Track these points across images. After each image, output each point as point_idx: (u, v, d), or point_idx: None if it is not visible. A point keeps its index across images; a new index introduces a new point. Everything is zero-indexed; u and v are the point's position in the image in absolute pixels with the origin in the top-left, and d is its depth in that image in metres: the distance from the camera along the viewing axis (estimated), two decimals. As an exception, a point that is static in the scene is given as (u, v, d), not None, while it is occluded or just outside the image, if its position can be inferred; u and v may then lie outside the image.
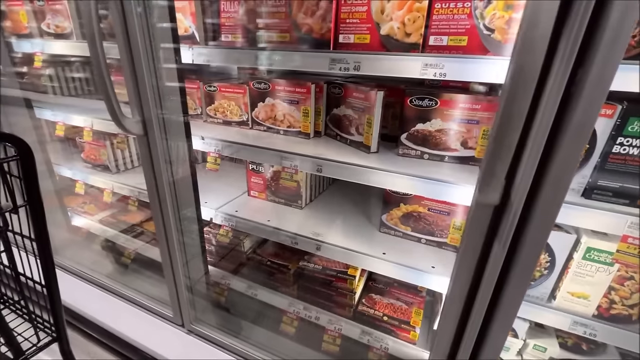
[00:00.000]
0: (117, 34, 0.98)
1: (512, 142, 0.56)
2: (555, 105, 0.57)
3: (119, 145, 1.78)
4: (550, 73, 0.55)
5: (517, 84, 0.51)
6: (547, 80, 0.56)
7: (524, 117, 0.54)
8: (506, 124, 0.54)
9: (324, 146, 1.30)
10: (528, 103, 0.52)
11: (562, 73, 0.55)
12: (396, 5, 0.90)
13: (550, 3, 0.47)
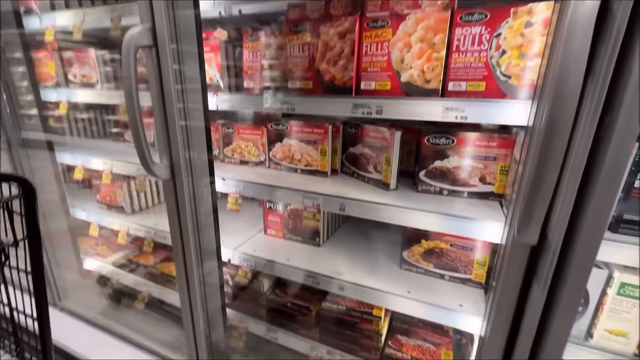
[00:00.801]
0: (151, 82, 1.03)
1: (551, 185, 0.58)
2: (587, 149, 0.60)
3: (138, 187, 1.80)
4: (579, 121, 0.58)
5: (552, 131, 0.54)
6: (576, 127, 0.59)
7: (560, 162, 0.57)
8: (543, 168, 0.57)
9: (343, 184, 1.32)
10: (564, 149, 0.55)
11: (591, 121, 0.58)
12: (415, 55, 0.97)
13: (579, 58, 0.51)
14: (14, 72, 1.72)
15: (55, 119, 1.95)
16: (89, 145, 2.06)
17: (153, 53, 1.00)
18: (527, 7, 0.83)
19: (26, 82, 1.76)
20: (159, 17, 0.96)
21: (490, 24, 0.87)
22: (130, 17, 1.33)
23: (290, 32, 1.13)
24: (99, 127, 2.12)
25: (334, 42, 1.07)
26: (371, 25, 1.01)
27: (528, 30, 0.84)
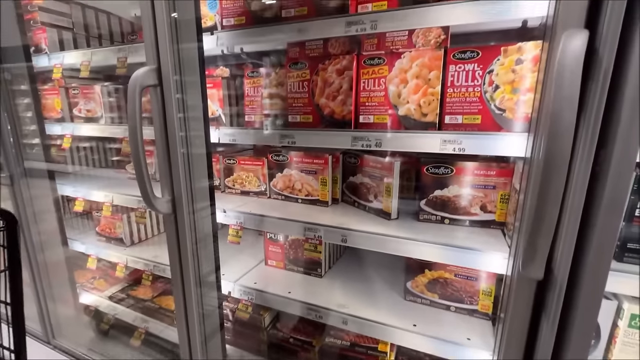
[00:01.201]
0: (155, 118, 1.06)
1: (552, 220, 0.58)
2: (585, 183, 0.61)
3: (139, 220, 1.79)
4: (575, 157, 0.60)
5: (550, 168, 0.55)
6: (573, 163, 0.60)
7: (560, 198, 0.57)
8: (544, 204, 0.57)
9: (344, 214, 1.32)
10: (563, 185, 0.56)
11: (587, 156, 0.59)
12: (411, 90, 1.00)
13: (571, 98, 0.53)
14: (19, 104, 1.75)
15: (58, 147, 1.97)
16: (91, 175, 2.08)
17: (158, 91, 1.03)
18: (516, 46, 0.87)
19: (30, 113, 1.79)
20: (165, 58, 1.00)
21: (482, 61, 0.91)
22: (136, 55, 1.39)
23: (290, 69, 1.18)
24: (100, 156, 2.14)
25: (333, 78, 1.11)
26: (368, 63, 1.06)
27: (519, 67, 0.87)
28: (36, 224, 1.80)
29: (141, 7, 0.98)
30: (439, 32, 0.99)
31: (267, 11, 1.18)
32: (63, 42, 1.76)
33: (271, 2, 1.15)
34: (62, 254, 1.98)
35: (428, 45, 1.02)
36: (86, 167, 2.17)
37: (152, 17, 0.98)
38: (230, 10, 1.23)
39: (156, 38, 0.99)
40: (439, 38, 1.00)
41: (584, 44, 0.54)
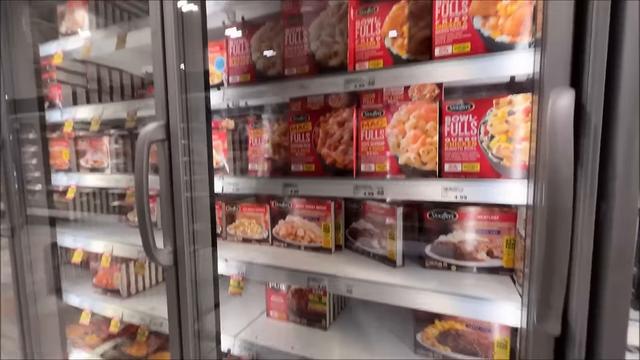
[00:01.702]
0: (161, 170, 1.08)
1: (563, 275, 0.57)
2: (591, 235, 0.61)
3: (138, 270, 1.75)
4: (577, 209, 0.60)
5: (554, 223, 0.56)
6: (576, 215, 0.61)
7: (567, 252, 0.57)
8: (553, 259, 0.57)
9: (348, 261, 1.30)
10: (569, 240, 0.56)
11: (589, 208, 0.60)
12: (410, 140, 1.04)
13: (565, 153, 0.55)
14: (27, 151, 1.78)
15: (61, 195, 1.98)
16: (91, 222, 2.07)
17: (165, 146, 1.07)
18: (507, 98, 0.92)
19: (36, 160, 1.81)
20: (174, 114, 1.05)
21: (476, 112, 0.96)
22: (145, 109, 1.46)
23: (293, 121, 1.23)
24: (102, 202, 2.15)
25: (334, 130, 1.16)
26: (367, 115, 1.11)
27: (512, 117, 0.92)
28: (31, 274, 1.75)
29: (153, 63, 1.05)
30: (433, 87, 1.06)
31: (271, 69, 1.26)
32: (76, 96, 1.86)
33: (275, 61, 1.24)
34: (54, 306, 1.90)
35: (423, 99, 1.08)
36: (87, 212, 2.17)
37: (164, 72, 1.04)
38: (237, 69, 1.32)
39: (166, 95, 1.05)
40: (433, 92, 1.06)
41: (572, 103, 0.57)
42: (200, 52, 1.07)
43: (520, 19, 0.89)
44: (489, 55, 0.87)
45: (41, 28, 1.89)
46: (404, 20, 1.07)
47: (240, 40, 1.32)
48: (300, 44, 1.18)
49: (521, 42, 0.90)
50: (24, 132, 1.78)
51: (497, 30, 0.91)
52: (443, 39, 0.97)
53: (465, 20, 0.95)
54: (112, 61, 1.97)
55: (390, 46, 1.09)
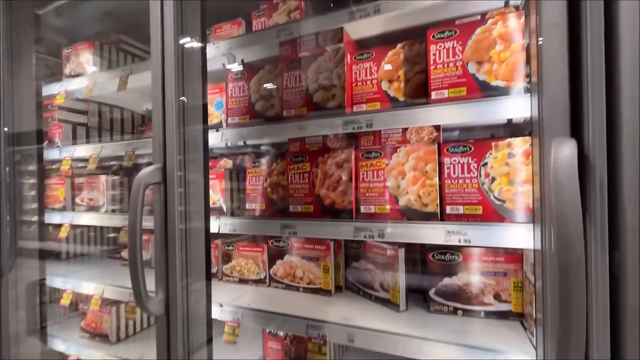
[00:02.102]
0: (156, 211, 1.05)
1: (581, 335, 0.53)
2: (607, 289, 0.58)
3: (128, 315, 1.67)
4: (589, 263, 0.58)
5: (567, 278, 0.53)
6: (589, 269, 0.58)
7: (584, 308, 0.53)
8: (568, 317, 0.53)
9: (349, 305, 1.24)
10: (584, 294, 0.53)
11: (602, 260, 0.57)
12: (410, 181, 1.03)
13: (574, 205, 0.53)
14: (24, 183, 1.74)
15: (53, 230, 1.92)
16: (83, 260, 2.00)
17: (161, 188, 1.05)
18: (505, 141, 0.92)
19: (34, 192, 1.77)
20: (171, 156, 1.04)
21: (476, 155, 0.96)
22: (144, 148, 1.46)
23: (291, 162, 1.23)
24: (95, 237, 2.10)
25: (333, 170, 1.15)
26: (366, 156, 1.11)
27: (512, 160, 0.91)
28: (16, 311, 1.65)
29: (152, 97, 1.05)
30: (431, 130, 1.06)
31: (270, 110, 1.28)
32: (76, 133, 1.87)
33: (274, 102, 1.26)
34: (38, 349, 1.79)
35: (421, 141, 1.08)
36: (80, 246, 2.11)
37: (162, 106, 1.04)
38: (236, 110, 1.34)
39: (164, 135, 1.04)
40: (432, 135, 1.06)
41: (574, 153, 0.56)
42: (200, 85, 1.08)
43: (513, 65, 0.91)
44: (485, 100, 0.88)
45: (47, 63, 1.94)
46: (400, 65, 1.09)
47: (239, 83, 1.35)
48: (298, 87, 1.20)
49: (516, 87, 0.91)
50: (22, 164, 1.76)
51: (491, 75, 0.93)
52: (439, 83, 0.99)
53: (460, 65, 0.97)
54: (113, 99, 2.01)
55: (387, 89, 1.11)
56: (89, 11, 1.83)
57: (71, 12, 1.84)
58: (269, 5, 1.42)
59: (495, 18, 0.94)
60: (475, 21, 0.98)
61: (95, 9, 1.81)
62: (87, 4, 1.77)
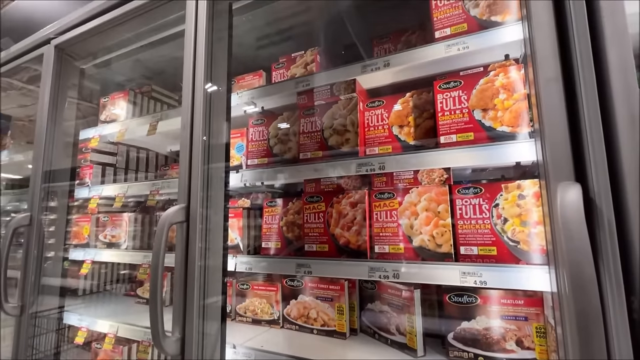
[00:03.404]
0: (177, 248, 1.09)
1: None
2: (628, 336, 0.57)
3: (141, 355, 1.65)
4: (607, 308, 0.58)
5: (585, 326, 0.53)
6: (607, 315, 0.58)
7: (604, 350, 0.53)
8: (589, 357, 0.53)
9: (364, 349, 1.20)
10: (603, 342, 0.52)
11: (619, 305, 0.57)
12: (423, 222, 1.05)
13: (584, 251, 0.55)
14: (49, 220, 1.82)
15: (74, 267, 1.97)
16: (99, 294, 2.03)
17: (184, 227, 1.10)
18: (515, 183, 0.95)
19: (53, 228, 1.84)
20: (195, 197, 1.11)
21: (487, 196, 0.98)
22: (168, 189, 1.54)
23: (307, 202, 1.28)
24: (112, 274, 2.14)
25: (347, 210, 1.19)
26: (379, 197, 1.15)
27: (522, 202, 0.93)
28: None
29: (181, 137, 1.14)
30: (441, 172, 1.10)
31: (287, 153, 1.36)
32: (105, 173, 2.00)
33: (291, 146, 1.34)
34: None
35: (432, 182, 1.12)
36: (96, 286, 2.14)
37: (190, 145, 1.12)
38: (255, 153, 1.42)
39: (190, 175, 1.12)
40: (442, 177, 1.10)
41: (579, 198, 0.59)
42: (224, 127, 1.18)
43: (517, 112, 0.96)
44: (492, 145, 0.93)
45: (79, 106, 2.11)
46: (410, 112, 1.17)
47: (259, 128, 1.45)
48: (314, 132, 1.28)
49: (521, 132, 0.96)
50: (50, 202, 1.86)
51: (497, 121, 0.99)
52: (447, 129, 1.05)
53: (466, 112, 1.03)
54: (141, 142, 2.16)
55: (398, 134, 1.18)
56: (122, 61, 2.04)
57: (106, 63, 2.06)
58: (287, 58, 1.57)
59: (497, 70, 1.02)
60: (478, 72, 1.06)
61: (127, 58, 2.02)
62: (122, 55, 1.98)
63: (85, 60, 1.89)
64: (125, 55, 1.90)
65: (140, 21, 1.51)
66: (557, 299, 0.77)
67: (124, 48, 1.84)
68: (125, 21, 1.49)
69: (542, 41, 0.73)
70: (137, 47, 1.81)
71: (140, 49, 1.85)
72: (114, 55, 1.94)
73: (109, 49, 1.83)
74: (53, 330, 1.81)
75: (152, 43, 1.78)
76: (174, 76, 2.19)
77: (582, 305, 0.53)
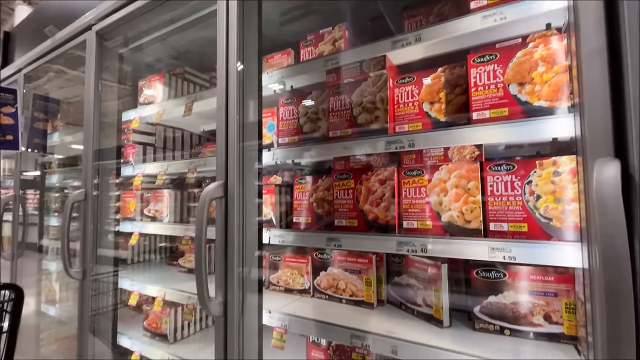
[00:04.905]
0: (218, 221, 1.19)
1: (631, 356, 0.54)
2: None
3: (186, 316, 1.83)
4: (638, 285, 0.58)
5: (616, 302, 0.54)
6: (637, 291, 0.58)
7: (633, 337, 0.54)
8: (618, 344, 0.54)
9: (391, 319, 1.27)
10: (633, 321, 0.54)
11: (653, 280, 0.58)
12: (452, 199, 1.06)
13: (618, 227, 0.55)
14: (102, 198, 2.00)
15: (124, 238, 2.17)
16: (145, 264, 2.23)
17: (223, 202, 1.19)
18: (550, 160, 0.93)
19: (111, 204, 2.03)
20: (232, 174, 1.18)
21: (519, 173, 0.97)
22: (204, 167, 1.64)
23: (337, 179, 1.32)
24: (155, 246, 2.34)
25: (376, 187, 1.22)
26: (408, 174, 1.16)
27: (557, 178, 0.91)
28: None
29: (217, 117, 1.21)
30: (472, 149, 1.09)
31: (317, 132, 1.39)
32: (146, 153, 2.14)
33: (320, 124, 1.37)
34: (110, 344, 2.01)
35: (463, 159, 1.12)
36: (142, 256, 2.36)
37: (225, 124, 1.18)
38: (285, 131, 1.47)
39: (226, 152, 1.19)
40: (474, 154, 1.09)
41: (617, 174, 0.58)
42: (256, 107, 1.23)
43: (557, 86, 0.92)
44: (528, 120, 0.90)
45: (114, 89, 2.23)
46: (441, 87, 1.15)
47: (289, 107, 1.48)
48: (343, 110, 1.30)
49: (560, 107, 0.93)
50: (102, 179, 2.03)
51: (534, 96, 0.96)
52: (480, 105, 1.03)
53: (501, 87, 1.01)
54: (176, 122, 2.27)
55: (429, 110, 1.17)
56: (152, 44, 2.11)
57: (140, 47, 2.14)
58: (315, 35, 1.56)
59: (536, 41, 0.97)
60: (516, 44, 1.02)
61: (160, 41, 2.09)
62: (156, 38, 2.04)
63: (122, 45, 1.98)
64: (159, 37, 1.97)
65: (173, 5, 1.55)
66: (588, 275, 0.78)
67: (157, 31, 1.91)
68: (160, 4, 1.54)
69: (587, 8, 0.69)
70: (169, 30, 1.87)
71: (172, 32, 1.90)
72: (149, 39, 2.01)
73: (145, 32, 1.90)
74: (109, 292, 2.03)
75: (182, 26, 1.83)
76: (199, 55, 2.23)
77: (612, 281, 0.54)
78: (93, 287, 1.96)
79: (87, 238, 1.79)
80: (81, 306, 1.83)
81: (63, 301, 2.56)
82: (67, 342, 2.61)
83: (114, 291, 2.01)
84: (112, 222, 2.03)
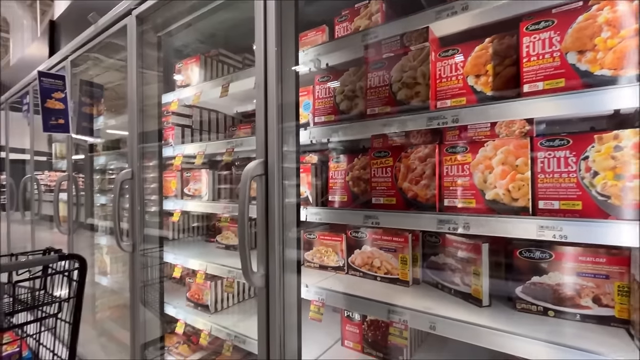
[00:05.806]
0: (259, 198, 1.23)
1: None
2: None
3: (227, 289, 1.94)
4: None
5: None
6: None
7: None
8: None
9: (428, 297, 1.27)
10: None
11: None
12: (498, 176, 1.03)
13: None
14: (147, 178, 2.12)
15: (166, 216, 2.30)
16: (186, 241, 2.37)
17: (263, 179, 1.22)
18: (612, 133, 0.86)
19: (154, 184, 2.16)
20: (272, 152, 1.21)
21: (575, 148, 0.92)
22: (240, 147, 1.68)
23: (374, 157, 1.31)
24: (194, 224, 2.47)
25: (416, 165, 1.20)
26: (450, 151, 1.13)
27: (619, 153, 0.85)
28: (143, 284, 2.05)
29: (257, 99, 1.22)
30: (522, 124, 1.04)
31: (354, 110, 1.37)
32: (184, 134, 2.23)
33: (357, 102, 1.35)
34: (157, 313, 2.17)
35: (512, 135, 1.07)
36: (182, 234, 2.50)
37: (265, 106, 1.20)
38: (322, 110, 1.47)
39: (266, 131, 1.21)
40: (523, 129, 1.04)
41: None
42: (294, 86, 1.23)
43: (622, 53, 0.85)
44: (588, 91, 0.84)
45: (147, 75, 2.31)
46: (488, 59, 1.09)
47: (325, 85, 1.47)
48: (382, 86, 1.27)
49: (625, 75, 0.85)
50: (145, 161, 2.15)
51: (596, 64, 0.88)
52: (532, 76, 0.96)
53: (557, 56, 0.94)
54: (212, 105, 2.33)
55: (474, 84, 1.12)
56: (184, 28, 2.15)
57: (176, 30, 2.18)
58: (350, 10, 1.52)
59: (601, 3, 0.89)
60: (576, 8, 0.94)
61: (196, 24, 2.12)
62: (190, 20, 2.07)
63: (160, 27, 2.03)
64: (198, 18, 1.99)
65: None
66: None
67: (191, 14, 1.93)
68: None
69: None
70: (204, 11, 1.88)
71: (208, 13, 1.92)
72: (184, 22, 2.04)
73: (181, 13, 1.93)
74: (155, 266, 2.18)
75: (217, 6, 1.83)
76: (233, 36, 2.25)
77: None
78: (141, 261, 2.12)
79: (134, 213, 1.92)
80: (132, 278, 1.98)
81: (114, 273, 2.78)
82: (118, 309, 2.86)
83: (159, 265, 2.16)
84: (156, 200, 2.16)
